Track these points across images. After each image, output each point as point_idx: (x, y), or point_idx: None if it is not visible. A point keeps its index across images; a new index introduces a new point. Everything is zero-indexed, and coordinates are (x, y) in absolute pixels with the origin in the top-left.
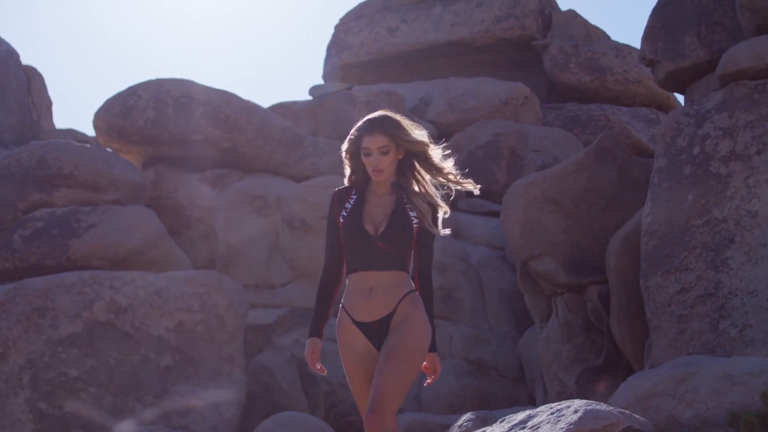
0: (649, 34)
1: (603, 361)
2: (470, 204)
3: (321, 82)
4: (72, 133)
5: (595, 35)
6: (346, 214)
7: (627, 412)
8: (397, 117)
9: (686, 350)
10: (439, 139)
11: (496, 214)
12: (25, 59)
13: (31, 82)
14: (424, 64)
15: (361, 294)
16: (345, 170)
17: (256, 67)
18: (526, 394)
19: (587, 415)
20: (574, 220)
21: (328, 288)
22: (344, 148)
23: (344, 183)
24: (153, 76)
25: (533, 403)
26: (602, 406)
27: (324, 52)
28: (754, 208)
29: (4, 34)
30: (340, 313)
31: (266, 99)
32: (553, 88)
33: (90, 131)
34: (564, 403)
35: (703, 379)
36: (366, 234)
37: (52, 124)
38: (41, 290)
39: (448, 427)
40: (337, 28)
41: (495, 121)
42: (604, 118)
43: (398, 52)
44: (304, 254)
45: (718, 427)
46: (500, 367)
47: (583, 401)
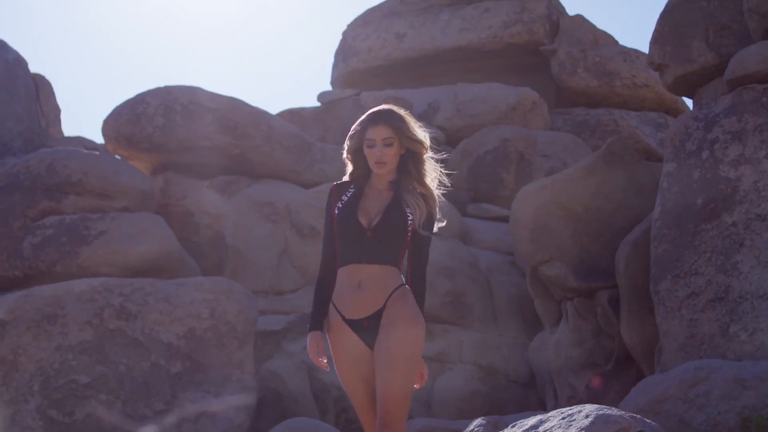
0: (657, 39)
1: (614, 366)
2: (479, 209)
3: (329, 88)
4: (80, 141)
5: (603, 40)
6: (341, 206)
7: (638, 416)
8: (402, 112)
9: (697, 354)
10: (448, 144)
11: (505, 220)
12: (34, 67)
13: (40, 90)
14: (432, 69)
15: (350, 289)
16: (346, 167)
17: (264, 74)
18: (536, 400)
19: (599, 419)
20: (583, 225)
21: (326, 283)
22: (346, 145)
23: (344, 179)
24: (161, 84)
25: (544, 408)
26: (613, 411)
27: (332, 59)
28: (763, 211)
29: (13, 42)
30: (330, 310)
31: (274, 105)
32: (561, 93)
33: (98, 139)
34: (575, 408)
35: (714, 383)
36: (359, 226)
37: (61, 132)
38: (51, 298)
39: None
40: (344, 34)
41: (503, 127)
42: (612, 123)
43: (406, 57)
44: (313, 260)
45: (730, 431)
46: (510, 373)
47: (594, 406)
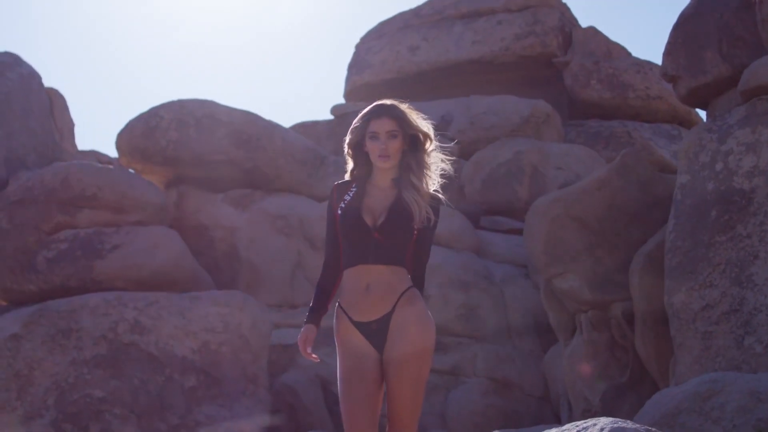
0: (670, 51)
1: (628, 379)
2: (493, 222)
3: (342, 101)
4: (94, 155)
5: (616, 52)
6: (344, 205)
7: (653, 429)
8: (405, 106)
9: (711, 367)
10: (461, 157)
11: (518, 232)
12: (48, 81)
13: (54, 105)
14: (445, 82)
15: (358, 292)
16: (347, 164)
17: (278, 87)
18: (551, 412)
19: None
20: (597, 237)
21: (327, 284)
22: (347, 140)
23: (344, 178)
24: (175, 97)
25: (558, 422)
26: (628, 424)
27: (345, 72)
28: None
29: (27, 57)
30: (337, 313)
31: (288, 119)
32: (575, 105)
33: (112, 153)
34: (590, 421)
35: (729, 395)
36: (364, 225)
37: (75, 146)
38: (66, 312)
39: None
40: (357, 47)
41: (516, 139)
42: (626, 135)
43: (419, 70)
44: None
45: None
46: (525, 385)
47: (609, 419)
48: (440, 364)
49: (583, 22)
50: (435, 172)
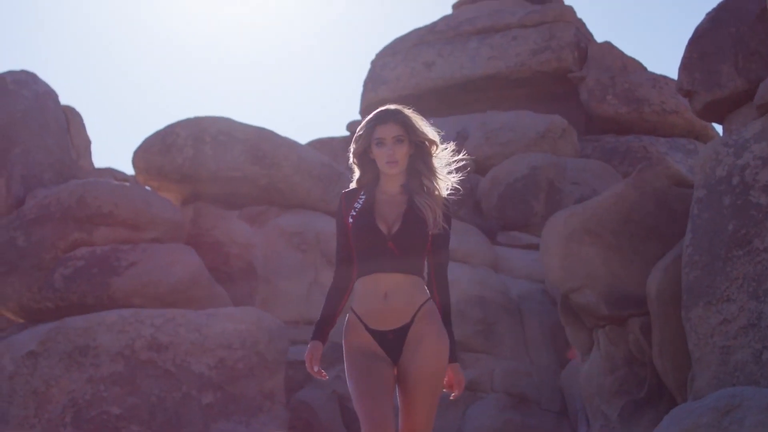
0: (686, 65)
1: (646, 394)
2: (509, 237)
3: (358, 117)
4: (111, 172)
5: (632, 67)
6: (355, 213)
7: None
8: (409, 111)
9: (730, 382)
10: (477, 173)
11: (535, 247)
12: (64, 99)
13: (70, 122)
14: (461, 98)
15: (375, 299)
16: (353, 173)
17: (294, 104)
18: (569, 428)
19: None
20: (614, 252)
21: (337, 295)
22: (352, 149)
23: (350, 186)
24: (191, 115)
25: None
26: None
27: (361, 88)
28: None
29: (43, 75)
30: (350, 318)
31: (304, 135)
32: (591, 120)
33: (129, 170)
34: None
35: (747, 410)
36: (379, 233)
37: (91, 164)
38: (82, 329)
39: None
40: (373, 63)
41: (533, 154)
42: (642, 150)
43: (434, 86)
44: None
45: None
46: (543, 401)
47: None
48: None
49: (599, 37)
50: (444, 177)
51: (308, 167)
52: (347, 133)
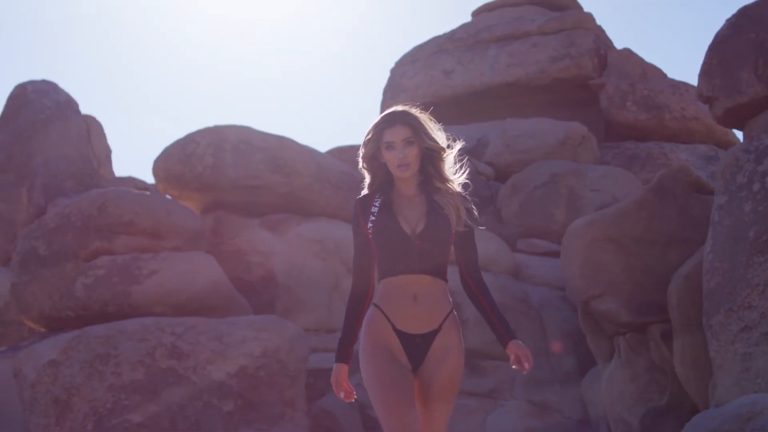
0: (705, 71)
1: (667, 401)
2: (530, 245)
3: None
4: (131, 181)
5: (652, 73)
6: (374, 218)
7: None
8: (417, 112)
9: (751, 389)
10: (497, 180)
11: (556, 254)
12: (84, 108)
13: (91, 131)
14: (480, 105)
15: (404, 300)
16: (364, 180)
17: (313, 112)
18: None
19: None
20: (634, 259)
21: (358, 306)
22: (361, 154)
23: (362, 192)
24: (211, 123)
25: None
26: None
27: (380, 96)
28: None
29: (64, 84)
30: (375, 315)
31: (324, 143)
32: (611, 126)
33: (149, 179)
34: None
35: None
36: (403, 233)
37: (112, 173)
38: (103, 337)
39: None
40: (392, 71)
41: (552, 162)
42: (662, 156)
43: (454, 94)
44: None
45: None
46: (564, 408)
47: None
48: (478, 387)
49: (618, 44)
50: (456, 179)
51: (328, 175)
52: None
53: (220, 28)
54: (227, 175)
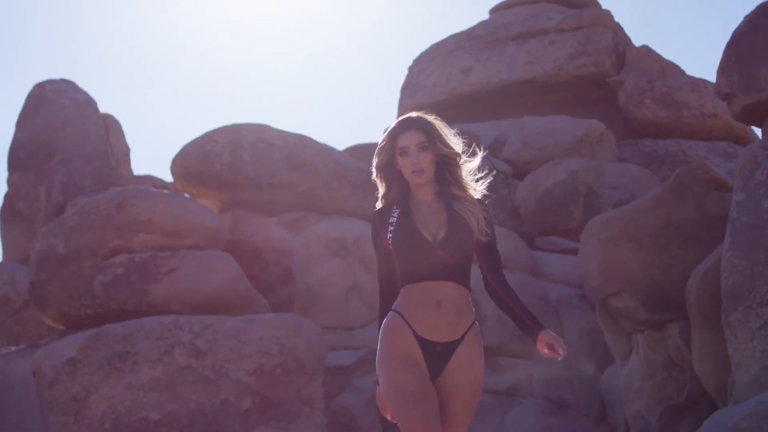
0: (724, 68)
1: (686, 399)
2: (548, 242)
3: None
4: (150, 180)
5: (670, 70)
6: (393, 228)
7: None
8: (431, 117)
9: None
10: (515, 178)
11: (574, 252)
12: (103, 107)
13: (109, 130)
14: (498, 103)
15: (427, 307)
16: (379, 190)
17: (331, 110)
18: None
19: None
20: (652, 257)
21: None
22: (375, 164)
23: (378, 205)
24: (229, 122)
25: None
26: None
27: (398, 94)
28: None
29: (82, 83)
30: (395, 320)
31: (341, 141)
32: (629, 124)
33: (168, 177)
34: None
35: None
36: (424, 241)
37: (131, 171)
38: (122, 336)
39: None
40: (410, 69)
41: (570, 159)
42: (681, 154)
43: (471, 91)
44: None
45: None
46: (582, 406)
47: None
48: (497, 385)
49: (636, 41)
50: (474, 185)
51: (346, 173)
52: None
53: (238, 27)
54: (245, 173)
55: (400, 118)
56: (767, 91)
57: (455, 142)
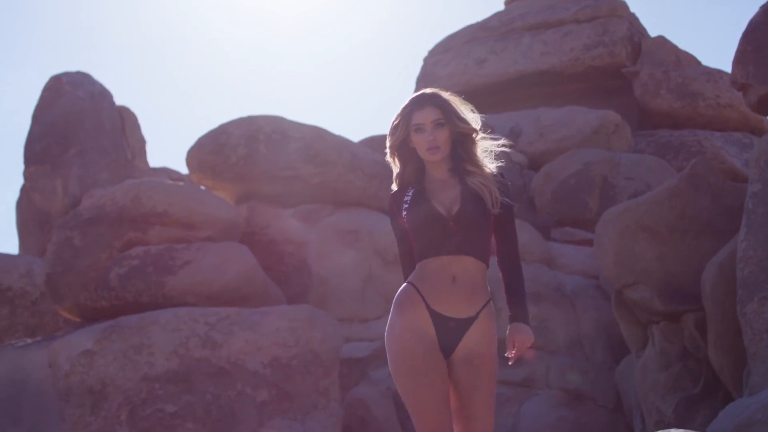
0: (739, 59)
1: (701, 390)
2: (563, 233)
3: None
4: (166, 172)
5: (686, 60)
6: (408, 205)
7: None
8: (446, 94)
9: None
10: (531, 169)
11: (589, 243)
12: (119, 99)
13: (125, 122)
14: (513, 94)
15: (442, 280)
16: (393, 171)
17: (347, 102)
18: (624, 424)
19: None
20: (668, 248)
21: None
22: (389, 141)
23: (393, 188)
24: (244, 114)
25: None
26: None
27: (413, 85)
28: None
29: (99, 76)
30: (408, 291)
31: (357, 133)
32: (644, 114)
33: (184, 169)
34: None
35: None
36: (439, 215)
37: (146, 163)
38: (137, 327)
39: None
40: (425, 60)
41: (586, 150)
42: (696, 144)
43: (487, 83)
44: (398, 287)
45: None
46: (597, 397)
47: (680, 431)
48: (512, 376)
49: (652, 32)
50: (489, 161)
51: (361, 165)
52: None
53: (253, 20)
54: (260, 165)
55: (416, 94)
56: None
57: (472, 118)
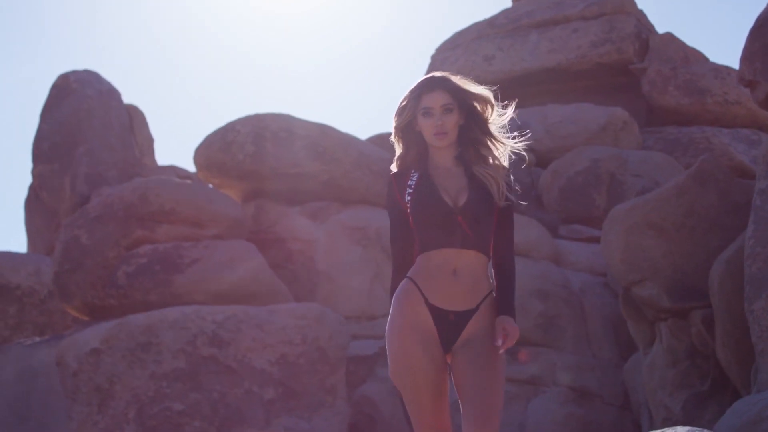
0: (747, 55)
1: (709, 387)
2: (571, 230)
3: None
4: (174, 170)
5: (694, 57)
6: (412, 190)
7: None
8: (457, 78)
9: None
10: (538, 166)
11: (597, 240)
12: (127, 98)
13: (133, 120)
14: (521, 91)
15: (443, 274)
16: (396, 152)
17: (354, 99)
18: (631, 422)
19: None
20: (675, 245)
21: None
22: (394, 124)
23: (393, 168)
24: (252, 112)
25: (639, 431)
26: None
27: None
28: None
29: (107, 74)
30: (407, 287)
31: (364, 130)
32: (652, 111)
33: (191, 167)
34: (669, 430)
35: None
36: (445, 206)
37: (155, 161)
38: (145, 326)
39: None
40: (433, 57)
41: (594, 147)
42: (704, 141)
43: (494, 80)
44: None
45: None
46: (605, 395)
47: (687, 428)
48: (519, 374)
49: (660, 28)
50: (504, 141)
51: (368, 162)
52: None
53: (260, 17)
54: (268, 163)
55: (426, 77)
56: None
57: (485, 90)
